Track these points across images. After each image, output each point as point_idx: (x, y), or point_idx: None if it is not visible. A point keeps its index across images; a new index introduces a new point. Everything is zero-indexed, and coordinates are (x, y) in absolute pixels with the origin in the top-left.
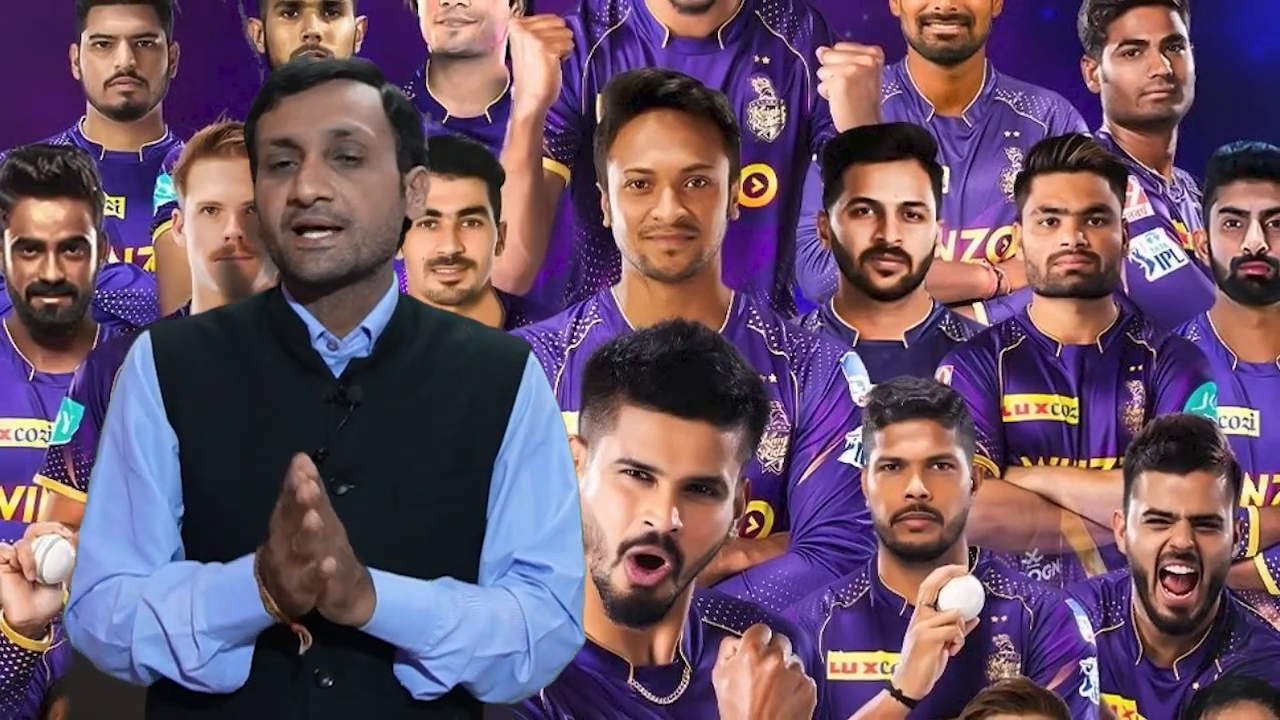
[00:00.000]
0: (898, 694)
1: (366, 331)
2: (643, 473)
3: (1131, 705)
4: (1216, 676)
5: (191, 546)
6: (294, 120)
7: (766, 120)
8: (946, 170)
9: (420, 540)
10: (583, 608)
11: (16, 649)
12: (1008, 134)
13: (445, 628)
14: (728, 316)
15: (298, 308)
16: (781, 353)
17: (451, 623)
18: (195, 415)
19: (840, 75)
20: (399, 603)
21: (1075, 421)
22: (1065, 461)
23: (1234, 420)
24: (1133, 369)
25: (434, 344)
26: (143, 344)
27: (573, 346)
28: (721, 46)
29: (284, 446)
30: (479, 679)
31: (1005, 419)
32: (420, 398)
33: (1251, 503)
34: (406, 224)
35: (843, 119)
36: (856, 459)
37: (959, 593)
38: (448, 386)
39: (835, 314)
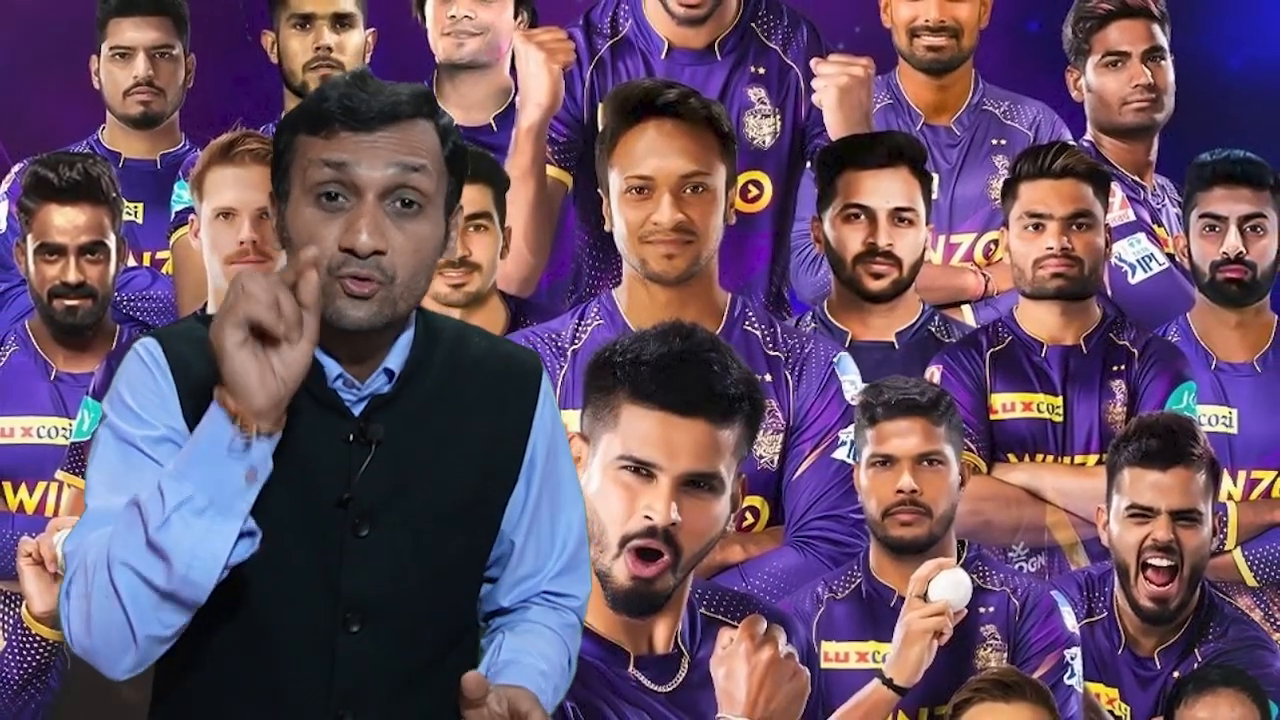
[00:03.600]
0: (888, 682)
1: (388, 371)
2: (643, 469)
3: (1114, 693)
4: (1196, 665)
5: None
6: (354, 158)
7: (762, 129)
8: (936, 177)
9: (440, 573)
10: None
11: (39, 639)
12: (995, 142)
13: (548, 704)
14: (725, 318)
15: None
16: (776, 353)
17: (549, 698)
18: None
19: (833, 85)
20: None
21: (1060, 419)
22: (1050, 458)
23: (1213, 418)
24: (1115, 369)
25: (451, 366)
26: (150, 349)
27: (575, 347)
28: (719, 58)
29: (304, 487)
30: None
31: (992, 417)
32: (440, 429)
33: (1230, 498)
34: None
35: (835, 127)
36: (849, 455)
37: (948, 585)
38: (466, 413)
39: (828, 315)
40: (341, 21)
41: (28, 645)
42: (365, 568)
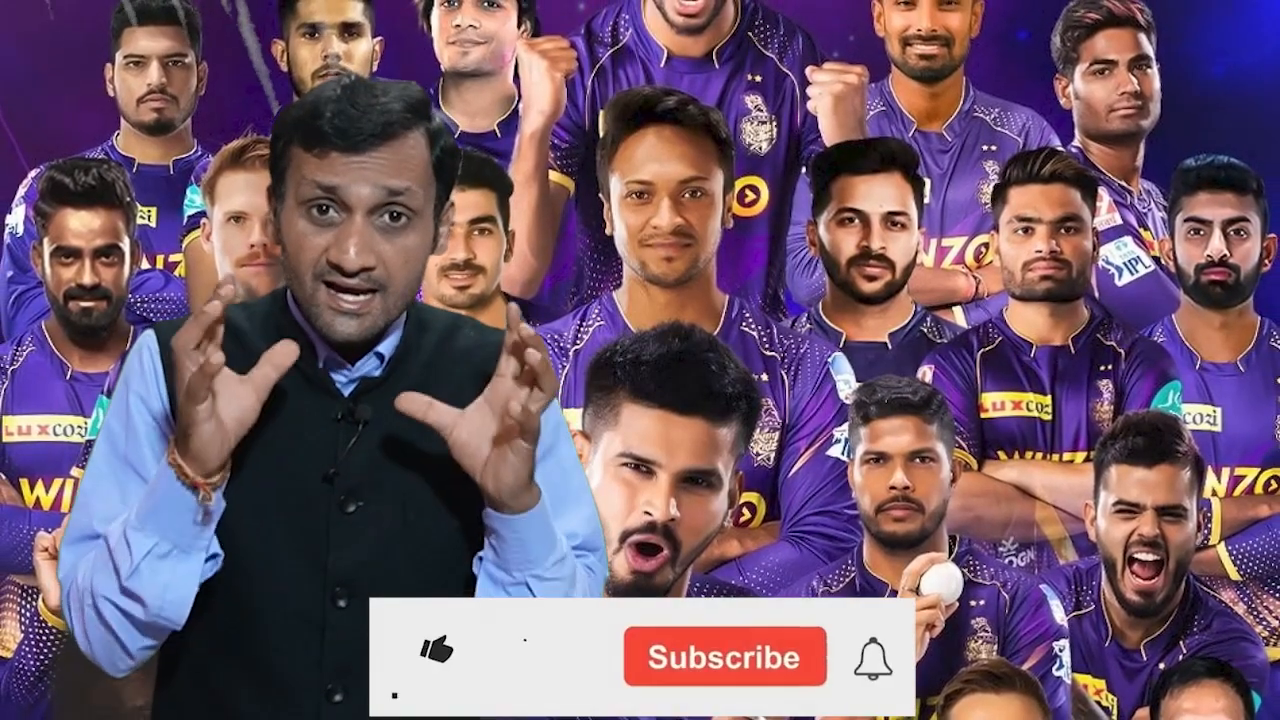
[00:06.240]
0: None
1: (379, 355)
2: (642, 466)
3: (1101, 684)
4: (1181, 657)
5: None
6: (344, 178)
7: (759, 135)
8: (928, 182)
9: (430, 552)
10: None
11: (55, 631)
12: (985, 148)
13: (562, 552)
14: (722, 319)
15: (308, 327)
16: (773, 353)
17: (565, 552)
18: None
19: (828, 92)
20: (545, 512)
21: (1048, 418)
22: (1039, 455)
23: (1197, 416)
24: (1103, 368)
25: (440, 353)
26: (148, 344)
27: (577, 347)
28: (716, 66)
29: (292, 465)
30: None
31: (983, 415)
32: None
33: (1214, 494)
34: None
35: (830, 133)
36: (843, 453)
37: (939, 578)
38: (454, 398)
39: (823, 317)
40: (349, 30)
41: (44, 638)
42: (352, 543)
